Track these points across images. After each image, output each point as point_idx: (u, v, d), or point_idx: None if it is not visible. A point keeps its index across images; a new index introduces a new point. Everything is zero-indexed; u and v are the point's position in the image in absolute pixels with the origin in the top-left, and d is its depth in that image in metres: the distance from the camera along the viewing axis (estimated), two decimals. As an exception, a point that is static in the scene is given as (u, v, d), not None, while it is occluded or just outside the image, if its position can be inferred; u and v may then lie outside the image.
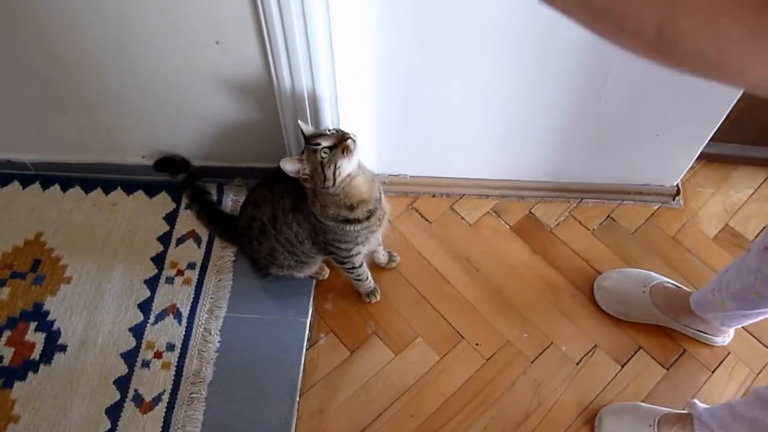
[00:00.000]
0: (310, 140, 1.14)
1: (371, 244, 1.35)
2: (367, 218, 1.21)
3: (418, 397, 1.42)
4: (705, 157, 1.67)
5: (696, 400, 1.29)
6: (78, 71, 1.38)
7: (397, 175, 1.67)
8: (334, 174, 1.10)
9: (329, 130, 1.14)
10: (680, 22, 0.31)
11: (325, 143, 1.10)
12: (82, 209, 1.67)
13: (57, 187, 1.71)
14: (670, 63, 0.35)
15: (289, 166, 1.12)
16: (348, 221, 1.20)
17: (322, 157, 1.09)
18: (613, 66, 1.29)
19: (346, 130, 1.14)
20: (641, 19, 0.33)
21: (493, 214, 1.67)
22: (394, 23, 1.21)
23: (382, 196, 1.25)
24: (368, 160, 1.12)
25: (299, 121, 1.18)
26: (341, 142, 1.10)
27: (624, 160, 1.58)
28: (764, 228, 1.62)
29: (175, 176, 1.62)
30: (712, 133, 1.44)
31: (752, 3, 0.28)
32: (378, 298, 1.52)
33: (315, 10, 1.10)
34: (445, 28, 1.23)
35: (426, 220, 1.66)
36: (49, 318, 1.50)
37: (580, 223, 1.65)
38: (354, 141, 1.10)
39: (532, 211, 1.67)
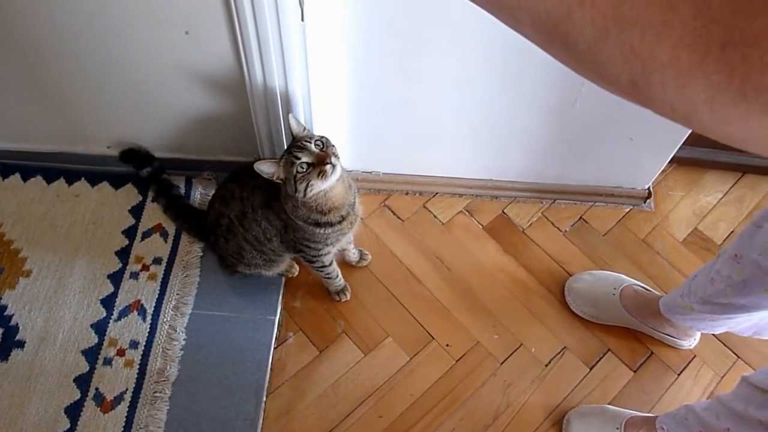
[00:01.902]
0: (294, 146, 1.09)
1: (342, 243, 1.32)
2: (339, 222, 1.19)
3: (387, 398, 1.41)
4: (676, 161, 1.68)
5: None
6: (40, 58, 1.32)
7: (370, 172, 1.64)
8: (305, 190, 1.07)
9: (316, 141, 1.09)
10: (652, 78, 0.32)
11: (304, 159, 1.06)
12: (44, 200, 1.61)
13: (17, 176, 1.64)
14: (649, 108, 0.36)
15: (266, 168, 1.08)
16: (318, 224, 1.18)
17: (297, 172, 1.06)
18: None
19: (331, 150, 1.09)
20: (618, 71, 0.34)
21: (466, 213, 1.66)
22: (369, 20, 1.18)
23: (356, 200, 1.23)
24: (341, 156, 1.09)
25: (290, 115, 1.13)
26: (320, 165, 1.06)
27: (597, 163, 1.58)
28: (733, 234, 1.64)
29: (140, 170, 1.57)
30: (684, 138, 1.45)
31: (716, 66, 0.29)
32: (348, 297, 1.50)
33: (288, 3, 1.07)
34: (420, 26, 1.21)
35: (398, 218, 1.65)
36: (7, 313, 1.45)
37: (552, 224, 1.65)
38: (334, 166, 1.06)
39: (505, 211, 1.67)
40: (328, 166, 1.05)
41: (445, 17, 1.18)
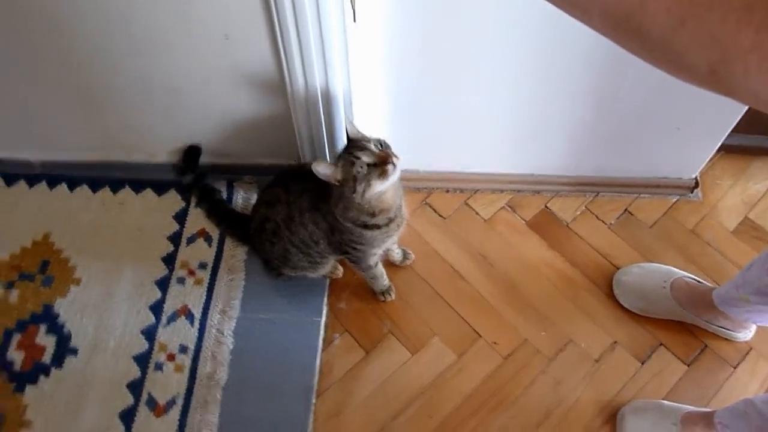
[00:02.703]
0: (351, 146, 1.10)
1: (387, 244, 1.32)
2: (387, 224, 1.20)
3: (435, 397, 1.40)
4: (723, 149, 1.63)
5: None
6: (85, 68, 1.35)
7: (410, 171, 1.64)
8: (364, 190, 1.08)
9: (374, 143, 1.09)
10: (733, 66, 0.31)
11: (365, 158, 1.07)
12: (90, 208, 1.64)
13: (64, 186, 1.68)
14: (726, 95, 0.36)
15: (322, 169, 1.09)
16: (367, 226, 1.18)
17: (357, 172, 1.07)
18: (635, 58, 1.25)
19: (390, 150, 1.10)
20: (695, 59, 0.34)
21: (509, 209, 1.64)
22: (407, 17, 1.17)
23: (403, 203, 1.23)
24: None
25: (347, 121, 1.15)
26: (382, 165, 1.07)
27: (642, 154, 1.55)
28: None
29: (183, 176, 1.59)
30: (734, 124, 1.41)
31: None
32: (393, 297, 1.50)
33: (329, 3, 1.07)
34: (458, 21, 1.19)
35: (440, 216, 1.64)
36: (60, 320, 1.48)
37: (597, 217, 1.62)
38: (395, 166, 1.07)
39: (548, 205, 1.65)
40: (389, 166, 1.06)
41: (483, 12, 1.17)
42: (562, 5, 0.42)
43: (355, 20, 1.11)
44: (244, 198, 1.65)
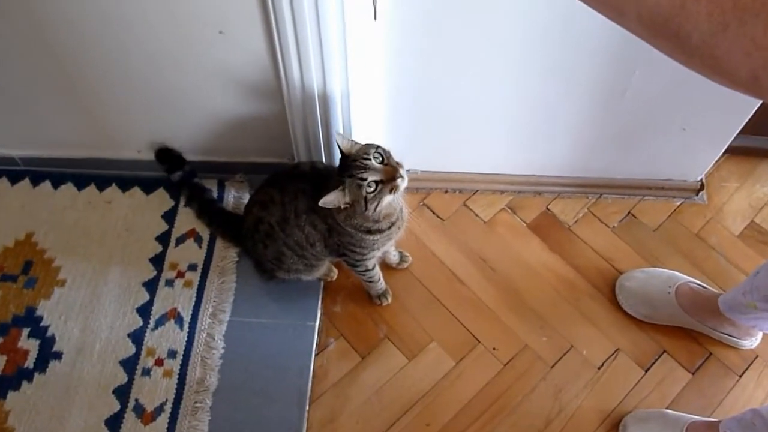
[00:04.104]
0: (353, 166, 1.07)
1: (386, 246, 1.31)
2: (389, 228, 1.20)
3: (433, 404, 1.39)
4: (729, 150, 1.63)
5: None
6: (72, 61, 1.33)
7: (407, 170, 1.61)
8: (377, 207, 1.08)
9: (374, 154, 1.07)
10: None
11: (371, 177, 1.05)
12: (76, 207, 1.62)
13: (48, 183, 1.66)
14: (766, 100, 0.36)
15: (331, 199, 1.07)
16: (369, 231, 1.18)
17: (367, 192, 1.06)
18: (643, 55, 1.24)
19: (394, 162, 1.09)
20: (736, 65, 0.34)
21: (509, 210, 1.64)
22: (406, 13, 1.16)
23: (404, 205, 1.22)
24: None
25: (336, 133, 1.13)
26: (390, 181, 1.06)
27: (647, 155, 1.55)
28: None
29: (172, 174, 1.58)
30: (741, 126, 1.41)
31: None
32: (389, 301, 1.49)
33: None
34: (460, 16, 1.19)
35: (438, 217, 1.63)
36: (43, 323, 1.46)
37: (599, 219, 1.62)
38: (404, 178, 1.07)
39: (549, 207, 1.64)
40: (399, 180, 1.05)
41: (484, 7, 1.16)
42: (597, 6, 0.41)
43: (375, 18, 1.10)
44: (235, 197, 1.63)
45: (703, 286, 1.46)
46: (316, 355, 1.44)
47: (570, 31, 1.20)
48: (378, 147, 1.10)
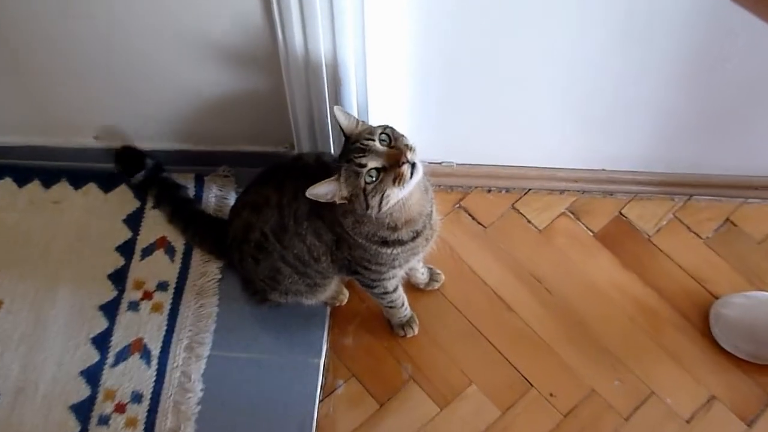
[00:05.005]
0: (351, 149, 1.06)
1: (411, 263, 1.30)
2: (412, 239, 1.17)
3: (472, 467, 1.39)
4: None
5: None
6: (11, 24, 1.34)
7: (439, 164, 1.64)
8: (380, 203, 1.05)
9: (380, 135, 1.06)
10: None
11: (371, 164, 1.03)
12: (15, 208, 1.64)
13: (-21, 178, 1.68)
14: None
15: (323, 190, 1.06)
16: (386, 243, 1.16)
17: (366, 183, 1.04)
18: (749, 16, 1.22)
19: (402, 142, 1.06)
20: None
21: (571, 215, 1.64)
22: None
23: (434, 209, 1.21)
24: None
25: (336, 108, 1.11)
26: (394, 167, 1.03)
27: (749, 146, 1.55)
28: None
29: (132, 176, 1.60)
30: None
31: None
32: (416, 331, 1.50)
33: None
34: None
35: (479, 224, 1.64)
36: (-26, 357, 1.48)
37: (688, 228, 1.62)
38: (412, 165, 1.03)
39: (623, 212, 1.65)
40: (404, 167, 1.02)
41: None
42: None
43: None
44: (218, 197, 1.65)
45: (824, 317, 1.44)
46: (320, 401, 1.44)
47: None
48: (387, 127, 1.08)
